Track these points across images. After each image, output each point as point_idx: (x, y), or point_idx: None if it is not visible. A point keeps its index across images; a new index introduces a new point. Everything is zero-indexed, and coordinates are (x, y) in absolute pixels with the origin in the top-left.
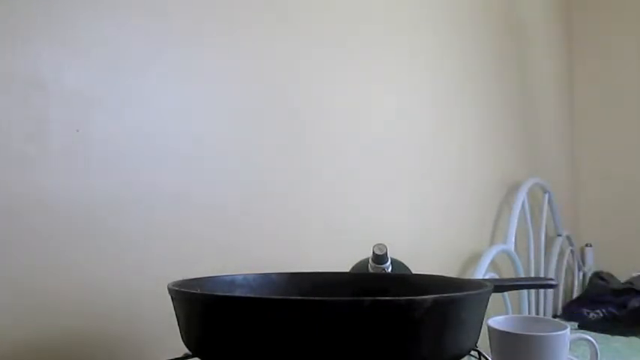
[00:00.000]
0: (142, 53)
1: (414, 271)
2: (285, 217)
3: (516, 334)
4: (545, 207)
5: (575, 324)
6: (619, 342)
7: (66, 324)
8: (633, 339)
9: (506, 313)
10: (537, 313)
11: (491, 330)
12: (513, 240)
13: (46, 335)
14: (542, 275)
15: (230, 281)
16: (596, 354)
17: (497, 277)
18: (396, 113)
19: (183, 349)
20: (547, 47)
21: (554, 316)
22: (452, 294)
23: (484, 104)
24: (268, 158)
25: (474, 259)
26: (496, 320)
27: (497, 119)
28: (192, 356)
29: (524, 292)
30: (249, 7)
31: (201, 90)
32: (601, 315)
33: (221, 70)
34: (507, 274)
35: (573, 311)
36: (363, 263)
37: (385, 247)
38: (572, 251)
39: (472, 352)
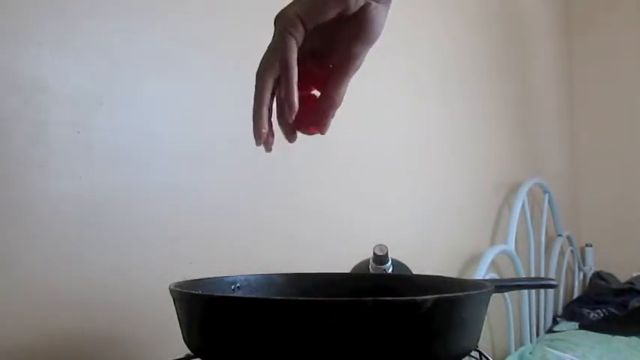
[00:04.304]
0: (142, 54)
1: (414, 272)
2: (286, 217)
3: None
4: (546, 207)
5: (576, 324)
6: (619, 342)
7: (67, 324)
8: (633, 339)
9: (507, 313)
10: (538, 313)
11: None
12: (514, 240)
13: (47, 336)
14: (542, 275)
15: (231, 282)
16: None
17: (497, 277)
18: (396, 114)
19: (184, 350)
20: (547, 47)
21: (555, 316)
22: (453, 294)
23: (484, 104)
24: (270, 159)
25: (475, 259)
26: None
27: (498, 119)
28: (194, 357)
29: (525, 292)
30: (250, 8)
31: (202, 89)
32: (601, 315)
33: (223, 69)
34: (508, 274)
35: (574, 311)
36: (364, 264)
37: (386, 247)
38: (572, 251)
39: (473, 353)
